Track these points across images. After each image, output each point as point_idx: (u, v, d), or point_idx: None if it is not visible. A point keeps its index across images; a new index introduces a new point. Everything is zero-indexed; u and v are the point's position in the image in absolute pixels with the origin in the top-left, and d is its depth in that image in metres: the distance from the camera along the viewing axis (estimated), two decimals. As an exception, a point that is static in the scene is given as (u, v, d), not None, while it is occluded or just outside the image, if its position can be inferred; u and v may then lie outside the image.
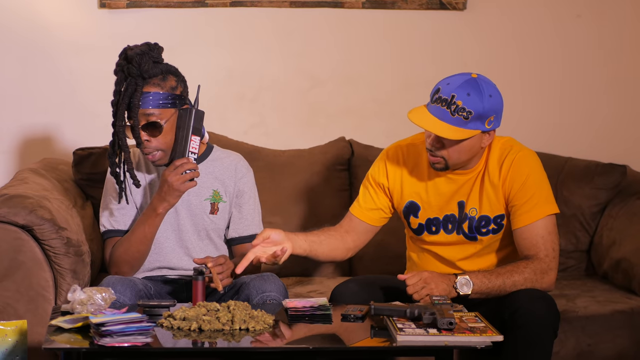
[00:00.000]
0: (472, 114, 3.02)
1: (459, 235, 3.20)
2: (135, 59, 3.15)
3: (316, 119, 4.23)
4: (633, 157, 4.18)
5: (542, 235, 3.10)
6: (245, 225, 3.36)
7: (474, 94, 3.02)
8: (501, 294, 3.03)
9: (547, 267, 3.08)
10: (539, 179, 3.15)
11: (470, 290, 3.00)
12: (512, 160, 3.14)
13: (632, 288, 3.58)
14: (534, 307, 2.92)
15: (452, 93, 3.02)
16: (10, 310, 3.26)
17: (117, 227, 3.31)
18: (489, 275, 3.03)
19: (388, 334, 2.73)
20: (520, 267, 3.06)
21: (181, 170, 3.15)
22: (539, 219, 3.11)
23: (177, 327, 2.75)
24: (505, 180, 3.14)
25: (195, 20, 4.14)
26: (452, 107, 3.01)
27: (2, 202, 3.28)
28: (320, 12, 4.17)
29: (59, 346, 2.64)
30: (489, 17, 4.23)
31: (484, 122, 3.05)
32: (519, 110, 4.27)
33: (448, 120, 3.02)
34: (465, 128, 3.03)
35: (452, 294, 2.99)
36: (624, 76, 4.29)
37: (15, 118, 4.12)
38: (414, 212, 3.24)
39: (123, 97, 3.16)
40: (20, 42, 4.10)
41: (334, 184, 3.97)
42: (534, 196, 3.11)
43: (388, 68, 4.23)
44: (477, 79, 3.05)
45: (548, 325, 2.93)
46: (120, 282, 3.09)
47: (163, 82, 3.20)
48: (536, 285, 3.04)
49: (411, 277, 2.97)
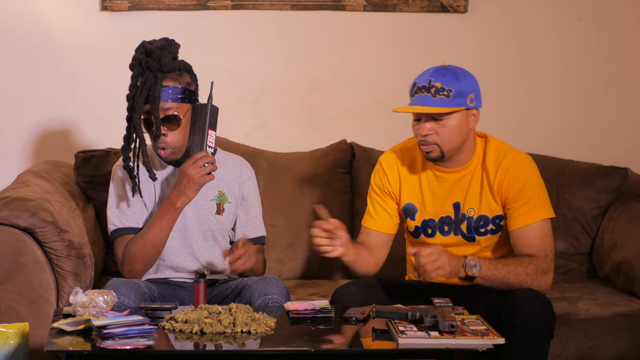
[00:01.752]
0: (452, 91, 3.11)
1: (457, 237, 3.22)
2: (155, 53, 3.16)
3: (317, 121, 4.23)
4: (634, 159, 4.18)
5: (540, 237, 3.14)
6: (253, 227, 3.37)
7: (448, 74, 3.14)
8: (504, 285, 3.05)
9: (547, 267, 3.11)
10: (536, 184, 3.19)
11: (479, 273, 3.02)
12: (509, 165, 3.18)
13: (633, 291, 3.58)
14: (529, 307, 2.95)
15: (428, 78, 3.13)
16: (12, 313, 3.26)
17: (129, 224, 3.29)
18: (495, 263, 3.06)
19: (390, 336, 2.73)
20: (525, 262, 3.08)
21: (200, 163, 3.16)
22: (536, 221, 3.15)
23: (179, 329, 2.75)
24: (502, 185, 3.18)
25: (197, 22, 4.15)
26: (432, 89, 3.11)
27: (4, 205, 3.28)
28: (321, 15, 4.18)
29: (61, 349, 2.64)
30: (490, 19, 4.23)
31: (466, 99, 3.13)
32: (520, 113, 4.28)
33: (431, 103, 3.11)
34: (449, 107, 3.11)
35: (461, 273, 3.02)
36: (625, 78, 4.29)
37: (17, 120, 4.13)
38: (411, 215, 3.26)
39: (141, 90, 3.15)
40: (22, 45, 4.10)
41: (335, 186, 3.97)
42: (531, 200, 3.15)
43: (389, 70, 4.23)
44: (448, 65, 3.18)
45: (544, 325, 2.95)
46: (125, 285, 3.09)
47: (180, 77, 3.22)
48: (535, 283, 3.07)
49: (425, 249, 2.98)
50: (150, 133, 3.22)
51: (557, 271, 3.89)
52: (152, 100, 3.16)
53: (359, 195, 3.93)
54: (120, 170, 3.33)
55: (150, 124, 3.19)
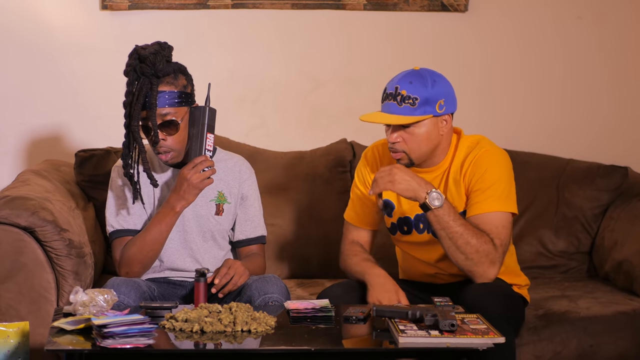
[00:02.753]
0: (418, 99, 3.07)
1: (429, 234, 3.21)
2: (149, 58, 3.15)
3: (317, 120, 4.23)
4: (634, 158, 4.18)
5: (497, 226, 3.08)
6: (252, 227, 3.37)
7: (416, 81, 3.09)
8: (448, 241, 3.02)
9: (496, 258, 3.06)
10: (499, 174, 3.13)
11: (436, 209, 3.00)
12: (475, 155, 3.15)
13: (634, 289, 3.58)
14: (482, 304, 2.91)
15: (395, 86, 3.10)
16: (12, 312, 3.26)
17: (127, 226, 3.29)
18: (457, 217, 3.04)
19: (390, 335, 2.73)
20: (483, 239, 3.04)
21: (200, 168, 3.15)
22: (495, 210, 3.09)
23: (179, 328, 2.75)
24: (466, 174, 3.15)
25: (197, 21, 4.15)
26: (398, 97, 3.08)
27: (4, 204, 3.28)
28: (321, 14, 4.18)
29: (61, 348, 2.64)
30: (490, 18, 4.23)
31: (434, 106, 3.09)
32: (520, 112, 4.27)
33: (396, 112, 3.08)
34: (414, 115, 3.07)
35: (420, 196, 3.00)
36: (625, 77, 4.29)
37: (18, 120, 4.13)
38: (389, 211, 3.27)
39: (138, 96, 3.15)
40: (22, 44, 4.10)
41: (335, 185, 3.97)
42: (490, 188, 3.10)
43: (390, 70, 4.19)
44: (419, 70, 3.13)
45: (501, 319, 2.89)
46: (125, 284, 3.10)
47: (175, 80, 3.20)
48: (477, 266, 3.03)
49: (385, 167, 3.04)
50: (149, 139, 3.21)
51: (557, 270, 3.91)
52: (148, 106, 3.15)
53: (359, 195, 3.93)
54: (120, 171, 3.33)
55: (149, 130, 3.19)
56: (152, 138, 3.18)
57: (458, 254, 3.04)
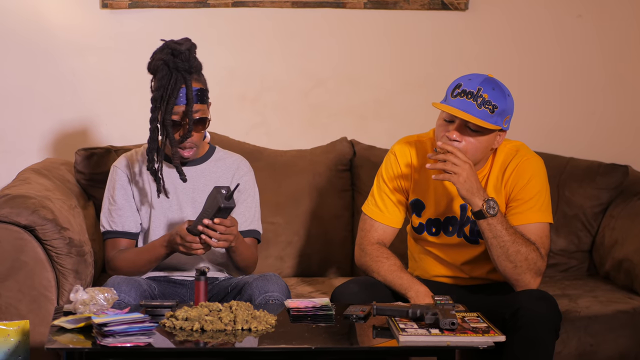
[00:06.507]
0: (497, 108, 3.03)
1: (459, 238, 3.19)
2: (184, 54, 3.16)
3: (318, 119, 4.23)
4: (634, 156, 4.18)
5: (541, 237, 3.10)
6: (244, 220, 3.34)
7: (497, 89, 3.05)
8: (498, 249, 3.01)
9: (543, 267, 3.08)
10: (541, 185, 3.14)
11: (491, 218, 2.99)
12: (517, 163, 3.14)
13: (634, 288, 3.58)
14: (535, 307, 2.92)
15: (477, 86, 3.04)
16: (13, 311, 3.26)
17: (115, 228, 3.32)
18: (509, 226, 3.03)
19: (390, 334, 2.73)
20: (532, 248, 3.05)
21: (189, 247, 3.13)
22: (538, 221, 3.11)
23: (179, 327, 2.75)
24: (507, 182, 3.14)
25: (197, 20, 4.14)
26: (479, 99, 3.02)
27: (4, 202, 3.28)
28: (322, 13, 4.18)
29: (62, 346, 2.65)
30: (490, 17, 4.23)
31: (503, 119, 3.07)
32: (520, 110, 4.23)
33: (474, 113, 3.02)
34: (488, 122, 3.03)
35: (477, 202, 2.98)
36: (625, 76, 4.29)
37: (18, 118, 4.12)
38: (417, 211, 3.23)
39: (172, 91, 3.15)
40: (22, 43, 4.10)
41: (335, 184, 3.97)
42: (533, 199, 3.11)
43: (390, 68, 4.23)
44: (495, 79, 3.09)
45: (549, 325, 2.92)
46: (125, 283, 3.10)
47: (199, 78, 3.23)
48: (524, 275, 3.04)
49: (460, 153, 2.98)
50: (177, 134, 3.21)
51: (557, 268, 3.92)
52: (185, 102, 3.16)
53: (360, 193, 3.93)
54: (117, 171, 3.34)
55: (178, 126, 3.20)
56: (184, 133, 3.19)
57: (507, 263, 3.04)
